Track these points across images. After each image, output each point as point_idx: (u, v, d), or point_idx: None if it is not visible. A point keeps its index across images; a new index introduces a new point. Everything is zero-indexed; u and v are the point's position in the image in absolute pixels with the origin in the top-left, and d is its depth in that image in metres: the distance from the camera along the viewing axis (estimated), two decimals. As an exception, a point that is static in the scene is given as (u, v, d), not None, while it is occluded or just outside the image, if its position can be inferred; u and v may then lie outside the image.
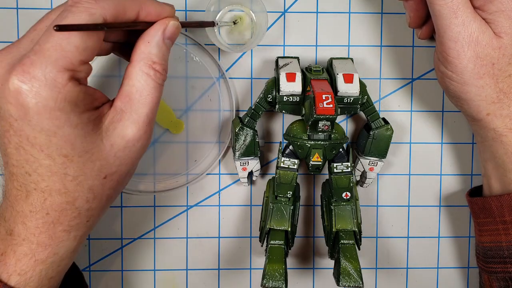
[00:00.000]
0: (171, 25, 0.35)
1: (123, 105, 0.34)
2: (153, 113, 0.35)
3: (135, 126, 0.34)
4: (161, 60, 0.35)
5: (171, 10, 0.36)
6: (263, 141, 0.48)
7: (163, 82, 0.36)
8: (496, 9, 0.38)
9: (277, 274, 0.41)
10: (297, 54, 0.47)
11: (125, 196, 0.48)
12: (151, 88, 0.34)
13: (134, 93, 0.34)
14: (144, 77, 0.34)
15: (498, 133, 0.40)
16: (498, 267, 0.42)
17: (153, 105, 0.35)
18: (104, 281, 0.48)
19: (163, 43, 0.35)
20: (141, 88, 0.34)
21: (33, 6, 0.46)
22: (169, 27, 0.35)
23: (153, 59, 0.34)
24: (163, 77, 0.35)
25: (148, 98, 0.34)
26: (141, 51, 0.34)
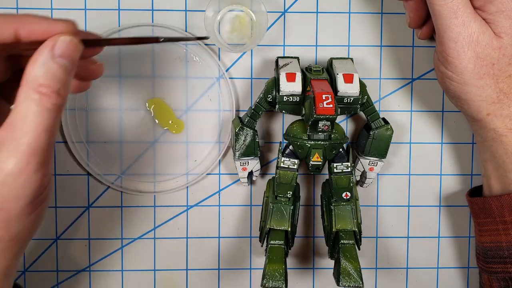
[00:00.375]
0: (61, 41, 0.31)
1: (5, 134, 0.30)
2: (39, 142, 0.30)
3: (15, 158, 0.30)
4: (50, 81, 0.30)
5: (67, 25, 0.32)
6: (263, 141, 0.48)
7: (56, 106, 0.31)
8: (496, 9, 0.38)
9: (277, 274, 0.41)
10: (297, 54, 0.47)
11: (125, 196, 0.48)
12: (35, 114, 0.30)
13: (18, 121, 0.30)
14: (28, 102, 0.30)
15: (498, 133, 0.40)
16: (498, 267, 0.42)
17: (39, 133, 0.30)
18: (104, 281, 0.48)
19: (53, 62, 0.31)
20: (24, 115, 0.30)
21: (33, 6, 0.46)
22: (59, 44, 0.31)
23: (39, 81, 0.30)
24: (53, 100, 0.31)
25: (32, 126, 0.30)
26: (27, 74, 0.30)
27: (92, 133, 0.47)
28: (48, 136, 0.31)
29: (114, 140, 0.47)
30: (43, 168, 0.31)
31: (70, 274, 0.48)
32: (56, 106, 0.31)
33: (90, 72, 0.37)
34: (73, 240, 0.48)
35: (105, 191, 0.48)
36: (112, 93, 0.47)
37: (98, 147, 0.47)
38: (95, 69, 0.37)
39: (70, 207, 0.47)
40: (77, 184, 0.47)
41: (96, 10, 0.46)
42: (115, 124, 0.47)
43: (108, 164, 0.47)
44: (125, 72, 0.46)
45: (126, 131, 0.47)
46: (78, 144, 0.47)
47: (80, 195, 0.48)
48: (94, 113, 0.47)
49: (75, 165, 0.47)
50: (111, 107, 0.47)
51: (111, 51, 0.46)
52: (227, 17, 0.46)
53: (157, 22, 0.46)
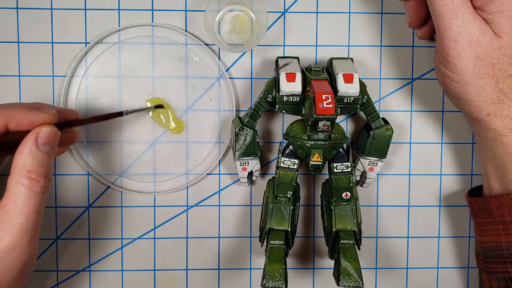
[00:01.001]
0: (43, 132, 0.36)
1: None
2: (30, 222, 0.35)
3: (9, 236, 0.34)
4: (37, 167, 0.35)
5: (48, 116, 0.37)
6: (263, 141, 0.48)
7: (44, 189, 0.36)
8: (496, 9, 0.38)
9: (277, 274, 0.41)
10: (297, 54, 0.47)
11: (125, 196, 0.48)
12: (26, 198, 0.35)
13: (10, 204, 0.35)
14: (19, 187, 0.35)
15: (498, 133, 0.40)
16: (498, 267, 0.42)
17: (29, 214, 0.35)
18: (104, 281, 0.48)
19: (38, 150, 0.36)
20: (16, 199, 0.35)
21: (33, 6, 0.46)
22: (42, 134, 0.36)
23: (28, 168, 0.35)
24: (41, 183, 0.36)
25: (23, 208, 0.35)
26: (16, 162, 0.35)
27: (92, 133, 0.47)
28: (37, 216, 0.36)
29: (114, 140, 0.47)
30: (33, 243, 0.36)
31: (70, 274, 0.48)
32: (44, 188, 0.36)
33: (68, 141, 0.43)
34: (73, 240, 0.48)
35: (105, 191, 0.48)
36: (112, 93, 0.47)
37: (98, 147, 0.47)
38: (72, 137, 0.43)
39: (70, 207, 0.47)
40: (77, 184, 0.47)
41: (96, 10, 0.46)
42: (115, 124, 0.47)
43: (108, 164, 0.47)
44: (125, 72, 0.46)
45: (126, 131, 0.47)
46: (78, 144, 0.47)
47: (80, 195, 0.48)
48: (94, 113, 0.47)
49: (75, 165, 0.47)
50: (111, 107, 0.47)
51: (111, 50, 0.46)
52: (227, 17, 0.46)
53: (157, 22, 0.46)
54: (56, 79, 0.46)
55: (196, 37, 0.46)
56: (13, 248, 0.35)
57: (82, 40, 0.46)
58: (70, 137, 0.43)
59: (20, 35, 0.46)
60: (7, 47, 0.46)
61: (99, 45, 0.46)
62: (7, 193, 0.35)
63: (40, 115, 0.36)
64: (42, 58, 0.46)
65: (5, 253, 0.35)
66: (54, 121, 0.37)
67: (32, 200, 0.35)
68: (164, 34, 0.46)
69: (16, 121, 0.35)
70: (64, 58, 0.46)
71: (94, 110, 0.47)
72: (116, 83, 0.46)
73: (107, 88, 0.47)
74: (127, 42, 0.46)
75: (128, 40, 0.46)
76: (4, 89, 0.46)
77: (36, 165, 0.35)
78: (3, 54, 0.46)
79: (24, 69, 0.46)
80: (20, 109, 0.36)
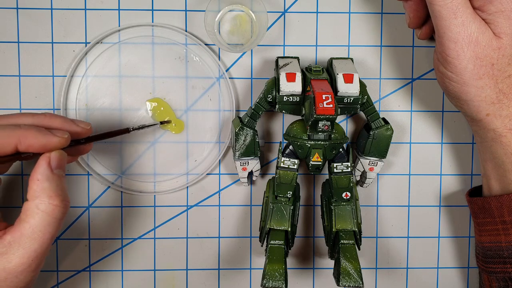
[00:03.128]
0: (54, 156, 0.36)
1: (13, 239, 0.34)
2: (43, 248, 0.35)
3: (20, 260, 0.34)
4: (56, 192, 0.35)
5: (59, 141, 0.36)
6: (263, 141, 0.48)
7: (64, 214, 0.36)
8: (496, 9, 0.38)
9: (277, 274, 0.41)
10: (297, 54, 0.47)
11: (125, 196, 0.48)
12: (47, 225, 0.35)
13: (27, 229, 0.34)
14: (40, 214, 0.34)
15: (498, 133, 0.40)
16: (498, 267, 0.42)
17: (44, 241, 0.35)
18: (104, 281, 0.48)
19: (53, 174, 0.35)
20: (35, 225, 0.34)
21: (33, 6, 0.46)
22: (53, 159, 0.36)
23: (49, 193, 0.35)
24: (63, 209, 0.35)
25: (40, 235, 0.35)
26: (34, 189, 0.35)
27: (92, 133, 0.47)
28: (50, 242, 0.36)
29: (114, 140, 0.47)
30: (39, 267, 0.36)
31: (70, 274, 0.48)
32: (64, 214, 0.36)
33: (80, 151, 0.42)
34: (73, 240, 0.48)
35: (105, 191, 0.48)
36: (112, 93, 0.47)
37: (98, 147, 0.47)
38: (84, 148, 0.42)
39: (70, 207, 0.47)
40: (77, 184, 0.47)
41: (96, 10, 0.46)
42: (115, 124, 0.47)
43: (108, 164, 0.47)
44: (125, 72, 0.47)
45: (126, 131, 0.47)
46: (78, 144, 0.47)
47: (80, 195, 0.48)
48: (94, 113, 0.47)
49: (75, 165, 0.47)
50: (111, 107, 0.47)
51: (111, 50, 0.46)
52: (227, 17, 0.46)
53: (157, 22, 0.46)
54: (56, 79, 0.46)
55: (196, 37, 0.46)
56: (21, 271, 0.35)
57: (82, 40, 0.46)
58: (82, 148, 0.42)
59: (20, 35, 0.46)
60: (7, 47, 0.46)
61: (99, 45, 0.46)
62: (25, 218, 0.34)
63: (52, 139, 0.36)
64: (42, 58, 0.46)
65: (13, 275, 0.34)
66: (65, 145, 0.37)
67: (51, 227, 0.35)
68: (164, 34, 0.46)
69: (27, 144, 0.35)
70: (64, 58, 0.46)
71: (94, 110, 0.47)
72: (116, 83, 0.46)
73: (107, 88, 0.47)
74: (127, 42, 0.46)
75: (128, 40, 0.46)
76: (4, 89, 0.46)
77: (56, 190, 0.35)
78: (3, 54, 0.46)
79: (24, 69, 0.46)
80: (31, 131, 0.35)
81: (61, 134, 0.36)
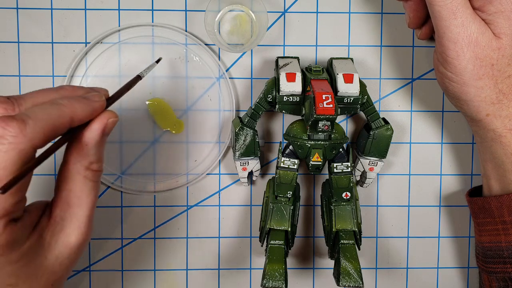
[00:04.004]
0: (110, 123, 0.34)
1: (63, 212, 0.33)
2: (92, 211, 0.34)
3: (78, 231, 0.34)
4: (99, 158, 0.34)
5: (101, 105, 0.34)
6: (263, 141, 0.48)
7: (101, 176, 0.35)
8: (496, 10, 0.38)
9: (277, 274, 0.41)
10: (297, 54, 0.47)
11: (125, 196, 0.48)
12: (90, 190, 0.34)
13: (73, 198, 0.33)
14: (82, 180, 0.33)
15: (498, 133, 0.40)
16: (498, 267, 0.42)
17: (92, 205, 0.34)
18: (104, 281, 0.48)
19: (102, 141, 0.34)
20: (80, 192, 0.33)
21: (33, 6, 0.46)
22: (109, 126, 0.34)
23: (91, 159, 0.33)
24: (100, 173, 0.35)
25: (87, 200, 0.34)
26: (77, 153, 0.33)
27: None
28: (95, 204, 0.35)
29: (114, 140, 0.47)
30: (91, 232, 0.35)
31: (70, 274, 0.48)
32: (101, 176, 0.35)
33: None
34: (73, 240, 0.48)
35: (105, 191, 0.48)
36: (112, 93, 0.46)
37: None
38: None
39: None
40: (77, 184, 0.47)
41: (96, 10, 0.46)
42: (115, 124, 0.47)
43: (108, 164, 0.47)
44: (125, 72, 0.46)
45: (126, 131, 0.47)
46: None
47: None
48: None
49: (75, 165, 0.47)
50: (111, 107, 0.47)
51: (111, 50, 0.46)
52: (227, 17, 0.46)
53: (157, 22, 0.46)
54: (56, 79, 0.46)
55: (196, 37, 0.46)
56: (82, 242, 0.34)
57: (82, 40, 0.46)
58: None
59: (20, 35, 0.46)
60: (7, 47, 0.46)
61: (99, 45, 0.46)
62: (66, 185, 0.33)
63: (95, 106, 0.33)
64: (42, 58, 0.46)
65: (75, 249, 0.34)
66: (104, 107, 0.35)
67: (94, 191, 0.34)
68: (164, 34, 0.46)
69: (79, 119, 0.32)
70: (64, 58, 0.46)
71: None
72: (116, 83, 0.46)
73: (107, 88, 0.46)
74: (127, 42, 0.46)
75: (128, 40, 0.46)
76: (4, 89, 0.46)
77: (99, 156, 0.34)
78: (3, 54, 0.46)
79: (24, 69, 0.46)
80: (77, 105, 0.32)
81: (98, 97, 0.34)
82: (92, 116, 0.33)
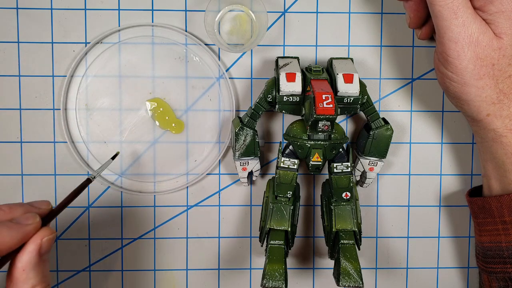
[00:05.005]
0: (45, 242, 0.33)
1: None
2: None
3: None
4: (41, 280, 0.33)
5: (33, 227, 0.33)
6: (263, 141, 0.48)
7: None
8: (496, 9, 0.38)
9: (277, 274, 0.41)
10: (297, 54, 0.47)
11: (125, 196, 0.48)
12: None
13: None
14: None
15: (498, 133, 0.40)
16: (498, 267, 0.42)
17: None
18: (104, 281, 0.48)
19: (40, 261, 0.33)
20: None
21: (33, 6, 0.46)
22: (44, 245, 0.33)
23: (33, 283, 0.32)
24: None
25: None
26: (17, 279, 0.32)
27: (92, 133, 0.47)
28: None
29: (114, 140, 0.47)
30: None
31: (70, 274, 0.48)
32: None
33: None
34: (73, 240, 0.48)
35: (105, 191, 0.48)
36: (112, 93, 0.47)
37: (98, 147, 0.47)
38: None
39: (70, 207, 0.47)
40: (77, 184, 0.47)
41: (96, 10, 0.46)
42: (115, 124, 0.47)
43: (108, 164, 0.47)
44: (125, 72, 0.46)
45: (126, 131, 0.47)
46: (78, 144, 0.47)
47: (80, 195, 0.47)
48: (94, 113, 0.47)
49: (75, 165, 0.47)
50: (111, 107, 0.47)
51: (111, 50, 0.46)
52: (227, 17, 0.46)
53: (157, 22, 0.46)
54: (56, 79, 0.46)
55: (196, 37, 0.46)
56: None
57: (82, 40, 0.46)
58: None
59: (20, 35, 0.46)
60: (7, 47, 0.46)
61: (99, 45, 0.46)
62: None
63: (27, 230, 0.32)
64: (42, 58, 0.46)
65: None
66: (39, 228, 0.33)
67: None
68: (164, 34, 0.46)
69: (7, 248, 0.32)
70: (64, 58, 0.46)
71: (94, 110, 0.47)
72: (116, 83, 0.46)
73: (107, 88, 0.47)
74: (127, 42, 0.46)
75: (128, 40, 0.46)
76: (4, 89, 0.46)
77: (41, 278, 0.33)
78: (3, 54, 0.46)
79: (24, 69, 0.46)
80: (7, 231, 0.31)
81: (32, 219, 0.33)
82: (24, 240, 0.33)
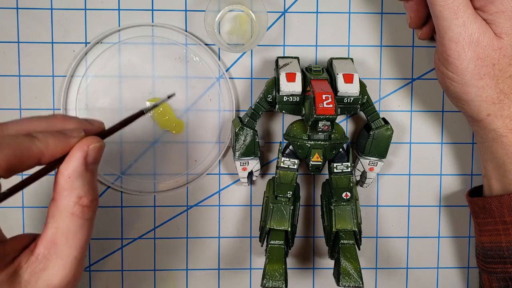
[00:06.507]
0: (92, 150, 0.31)
1: (47, 251, 0.30)
2: (82, 254, 0.31)
3: (63, 272, 0.30)
4: (88, 191, 0.31)
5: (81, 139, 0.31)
6: (263, 141, 0.48)
7: (95, 214, 0.32)
8: (497, 9, 0.38)
9: (277, 274, 0.41)
10: (297, 54, 0.47)
11: (125, 196, 0.48)
12: (78, 228, 0.31)
13: (59, 236, 0.30)
14: (69, 217, 0.30)
15: (499, 133, 0.40)
16: (498, 267, 0.42)
17: (82, 245, 0.31)
18: (104, 281, 0.48)
19: (87, 171, 0.31)
20: (67, 230, 0.30)
21: (33, 6, 0.46)
22: (91, 153, 0.31)
23: (79, 193, 0.30)
24: (93, 208, 0.31)
25: (75, 240, 0.31)
26: (62, 187, 0.30)
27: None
28: (87, 244, 0.31)
29: (114, 140, 0.47)
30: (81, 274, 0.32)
31: (70, 274, 0.48)
32: (95, 213, 0.31)
33: None
34: (73, 240, 0.48)
35: (105, 191, 0.48)
36: (112, 93, 0.47)
37: (98, 147, 0.47)
38: None
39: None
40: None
41: (96, 10, 0.46)
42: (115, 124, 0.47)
43: (108, 164, 0.47)
44: (125, 72, 0.46)
45: (126, 131, 0.47)
46: (78, 144, 0.47)
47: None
48: (94, 113, 0.47)
49: (75, 165, 0.47)
50: (111, 107, 0.47)
51: (111, 50, 0.46)
52: (227, 17, 0.46)
53: (157, 22, 0.46)
54: (56, 79, 0.46)
55: (196, 37, 0.46)
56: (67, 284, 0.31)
57: (82, 40, 0.46)
58: None
59: (20, 35, 0.46)
60: (7, 47, 0.46)
61: (99, 45, 0.46)
62: (53, 223, 0.30)
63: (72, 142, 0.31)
64: (42, 58, 0.46)
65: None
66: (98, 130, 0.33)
67: (84, 230, 0.31)
68: (164, 34, 0.46)
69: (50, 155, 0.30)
70: (64, 58, 0.46)
71: (94, 110, 0.47)
72: (116, 83, 0.46)
73: (107, 88, 0.47)
74: (127, 42, 0.46)
75: (128, 40, 0.46)
76: (4, 89, 0.46)
77: (87, 189, 0.31)
78: (3, 54, 0.46)
79: (24, 69, 0.46)
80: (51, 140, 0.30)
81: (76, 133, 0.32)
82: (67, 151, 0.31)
